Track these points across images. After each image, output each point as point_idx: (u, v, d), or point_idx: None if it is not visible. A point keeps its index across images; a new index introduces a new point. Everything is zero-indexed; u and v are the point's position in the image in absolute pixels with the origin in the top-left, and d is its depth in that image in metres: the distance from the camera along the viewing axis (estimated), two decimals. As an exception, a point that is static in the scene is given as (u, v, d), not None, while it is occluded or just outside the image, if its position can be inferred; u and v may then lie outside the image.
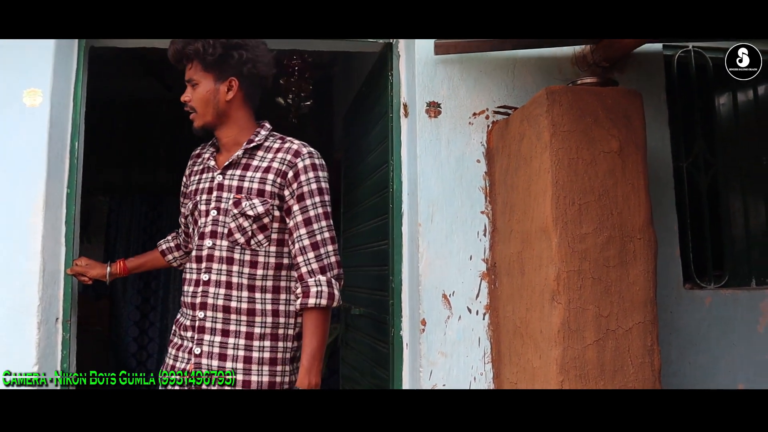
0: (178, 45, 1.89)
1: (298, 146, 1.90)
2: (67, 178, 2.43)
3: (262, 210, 1.83)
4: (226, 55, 1.87)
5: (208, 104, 1.90)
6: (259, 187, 1.85)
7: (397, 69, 2.62)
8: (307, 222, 1.85)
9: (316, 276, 1.83)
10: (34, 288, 2.26)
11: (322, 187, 1.88)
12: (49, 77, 2.35)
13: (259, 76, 1.95)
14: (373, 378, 2.89)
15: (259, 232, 1.85)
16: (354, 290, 3.37)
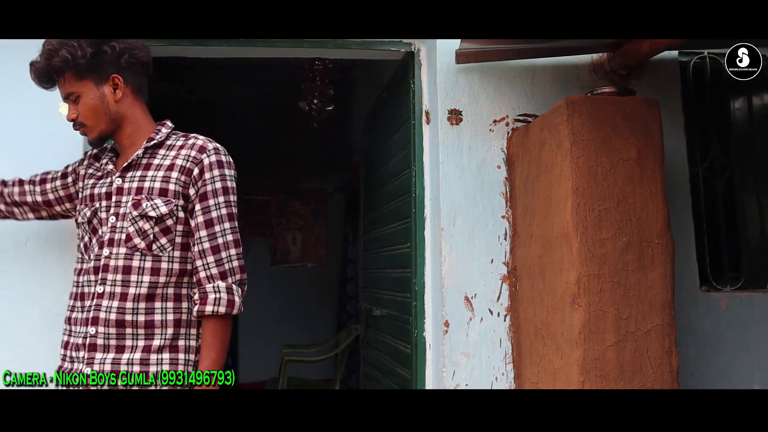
0: (40, 63, 1.73)
1: (203, 142, 1.79)
2: (101, 185, 2.53)
3: (165, 210, 1.71)
4: (100, 53, 1.72)
5: (98, 113, 1.77)
6: (162, 186, 1.73)
7: (418, 77, 2.69)
8: (209, 223, 1.72)
9: (215, 281, 1.71)
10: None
11: (227, 186, 1.76)
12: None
13: (140, 63, 1.81)
14: (394, 377, 2.97)
15: (162, 236, 1.72)
16: (375, 291, 3.45)
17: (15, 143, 2.41)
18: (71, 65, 1.69)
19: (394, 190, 2.97)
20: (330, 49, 2.77)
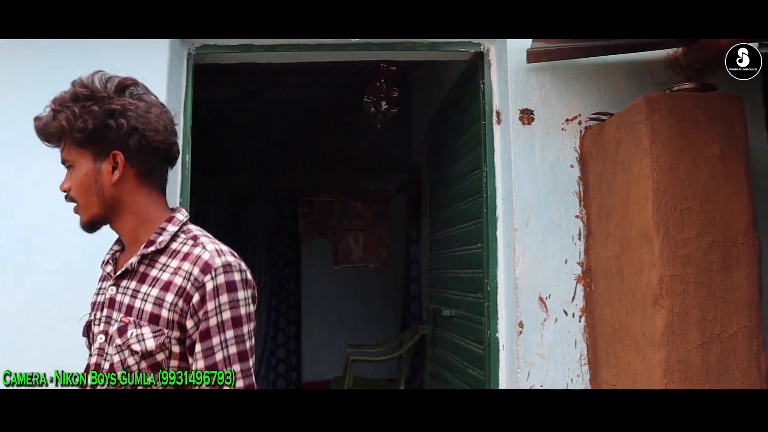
0: (40, 122, 1.39)
1: (210, 256, 1.31)
2: (180, 188, 2.62)
3: (152, 345, 1.29)
4: (101, 128, 1.33)
5: (89, 192, 1.37)
6: (153, 310, 1.30)
7: (488, 77, 2.69)
8: (212, 369, 1.28)
9: None
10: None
11: (240, 316, 1.30)
12: (163, 95, 2.52)
13: (152, 148, 1.38)
14: (465, 377, 2.97)
15: (150, 372, 1.30)
16: (443, 292, 3.46)
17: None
18: (66, 133, 1.35)
19: (464, 191, 2.97)
20: (398, 51, 2.80)
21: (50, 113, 1.37)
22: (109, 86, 1.37)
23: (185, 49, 2.71)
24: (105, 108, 1.34)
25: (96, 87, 1.35)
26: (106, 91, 1.36)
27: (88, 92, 1.34)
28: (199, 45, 2.72)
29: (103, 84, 1.37)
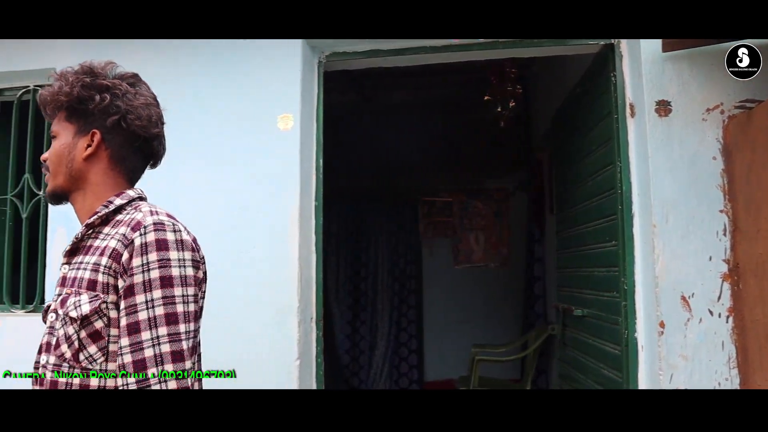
0: (43, 89, 1.42)
1: (142, 216, 1.30)
2: (314, 192, 2.72)
3: (87, 309, 1.25)
4: (86, 99, 1.37)
5: (61, 161, 1.39)
6: (91, 276, 1.27)
7: (620, 69, 2.60)
8: (133, 328, 1.22)
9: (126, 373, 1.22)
10: (294, 292, 2.55)
11: (170, 276, 1.24)
12: (297, 103, 2.64)
13: (130, 132, 1.40)
14: (598, 378, 2.89)
15: (91, 343, 1.26)
16: (573, 291, 3.37)
17: (234, 155, 2.67)
18: (55, 98, 1.39)
19: (595, 187, 2.89)
20: (523, 48, 2.77)
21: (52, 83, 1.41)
22: (111, 71, 1.42)
23: (316, 58, 2.81)
24: (96, 83, 1.37)
25: (98, 68, 1.40)
26: (105, 72, 1.40)
27: (88, 69, 1.39)
28: (328, 53, 2.82)
29: (105, 67, 1.41)
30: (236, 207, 2.63)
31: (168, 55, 2.83)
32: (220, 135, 2.69)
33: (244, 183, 2.63)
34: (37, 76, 3.04)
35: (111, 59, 2.79)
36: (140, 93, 1.42)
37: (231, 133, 2.69)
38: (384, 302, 6.25)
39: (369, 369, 6.28)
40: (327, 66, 2.86)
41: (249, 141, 2.65)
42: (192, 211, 2.66)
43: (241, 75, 2.73)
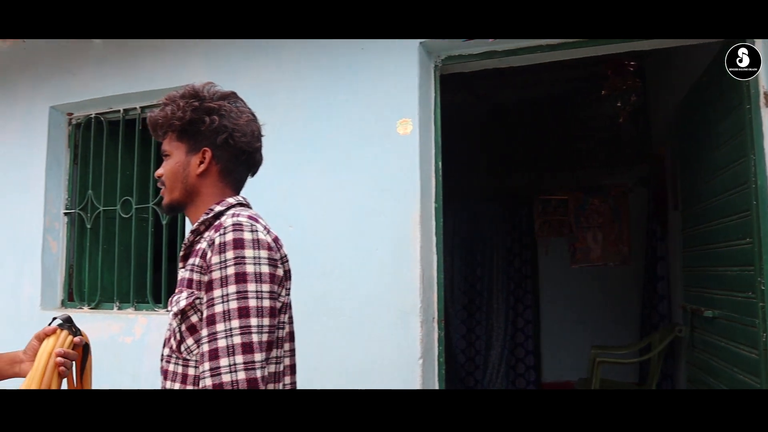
0: (152, 112, 1.60)
1: (225, 218, 1.44)
2: (434, 194, 2.77)
3: (184, 304, 1.40)
4: (197, 121, 1.52)
5: (177, 178, 1.56)
6: (189, 275, 1.43)
7: (752, 57, 2.47)
8: (210, 320, 1.33)
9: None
10: (416, 292, 2.61)
11: (244, 272, 1.35)
12: (416, 107, 2.70)
13: (237, 148, 1.56)
14: (732, 383, 2.75)
15: (189, 335, 1.41)
16: (702, 291, 3.23)
17: (355, 160, 2.77)
18: (168, 122, 1.54)
19: (725, 182, 2.76)
20: (643, 41, 2.69)
21: (161, 106, 1.56)
22: (213, 92, 1.56)
23: (431, 62, 2.86)
24: (204, 106, 1.52)
25: (201, 90, 1.55)
26: (209, 95, 1.55)
27: (194, 92, 1.54)
28: (444, 57, 2.86)
29: (209, 90, 1.56)
30: (358, 211, 2.73)
31: (287, 64, 2.98)
32: (341, 141, 2.80)
33: (366, 187, 2.72)
34: (173, 93, 3.28)
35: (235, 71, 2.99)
36: (241, 111, 1.58)
37: (352, 139, 2.79)
38: (499, 302, 6.21)
39: (485, 369, 6.26)
40: (443, 70, 2.90)
41: (369, 146, 2.74)
42: (315, 216, 2.80)
43: (359, 82, 2.82)
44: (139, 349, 3.25)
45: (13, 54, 3.80)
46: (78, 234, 3.68)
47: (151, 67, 3.35)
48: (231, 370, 1.29)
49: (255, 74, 3.04)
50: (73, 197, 3.71)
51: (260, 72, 3.04)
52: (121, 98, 3.49)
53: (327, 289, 2.75)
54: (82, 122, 3.70)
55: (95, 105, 3.60)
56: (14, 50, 3.79)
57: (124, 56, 3.43)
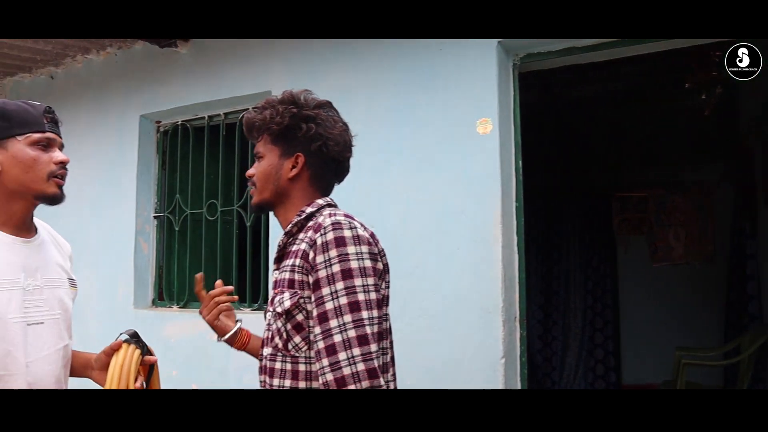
0: (249, 114, 1.67)
1: (323, 218, 1.49)
2: (514, 193, 2.76)
3: (289, 304, 1.47)
4: (294, 127, 1.59)
5: (269, 180, 1.62)
6: (289, 276, 1.49)
7: None
8: (322, 318, 1.40)
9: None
10: (498, 291, 2.61)
11: (350, 268, 1.42)
12: (495, 107, 2.70)
13: (329, 157, 1.62)
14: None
15: (296, 333, 1.48)
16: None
17: (436, 160, 2.79)
18: (266, 126, 1.61)
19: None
20: (732, 32, 2.60)
21: (260, 108, 1.63)
22: (310, 100, 1.62)
23: (510, 60, 2.85)
24: (302, 113, 1.59)
25: (299, 97, 1.61)
26: (307, 102, 1.61)
27: (292, 99, 1.61)
28: (522, 55, 2.85)
29: (306, 98, 1.62)
30: (440, 211, 2.75)
31: (365, 68, 3.03)
32: (421, 142, 2.82)
33: (447, 187, 2.74)
34: (256, 100, 3.37)
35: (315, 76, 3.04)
36: (336, 120, 1.64)
37: (432, 140, 2.82)
38: (577, 301, 6.11)
39: (561, 370, 6.16)
40: (521, 68, 2.89)
41: (450, 147, 2.76)
42: (397, 217, 2.83)
43: (438, 83, 2.84)
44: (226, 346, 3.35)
45: (106, 66, 4.01)
46: (167, 236, 3.85)
47: (234, 75, 3.46)
48: (350, 363, 1.37)
49: (334, 78, 3.10)
50: (162, 201, 3.88)
51: (339, 76, 3.10)
52: (206, 105, 3.63)
53: (410, 289, 2.77)
54: (170, 129, 3.86)
55: (182, 113, 3.75)
56: (107, 63, 4.00)
57: (209, 65, 3.56)
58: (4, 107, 1.60)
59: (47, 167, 1.61)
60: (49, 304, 1.66)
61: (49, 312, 1.66)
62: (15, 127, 1.59)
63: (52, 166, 1.62)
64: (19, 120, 1.59)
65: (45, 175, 1.60)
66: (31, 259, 1.64)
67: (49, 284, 1.68)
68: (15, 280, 1.59)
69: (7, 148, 1.58)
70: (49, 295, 1.66)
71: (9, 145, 1.58)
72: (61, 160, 1.63)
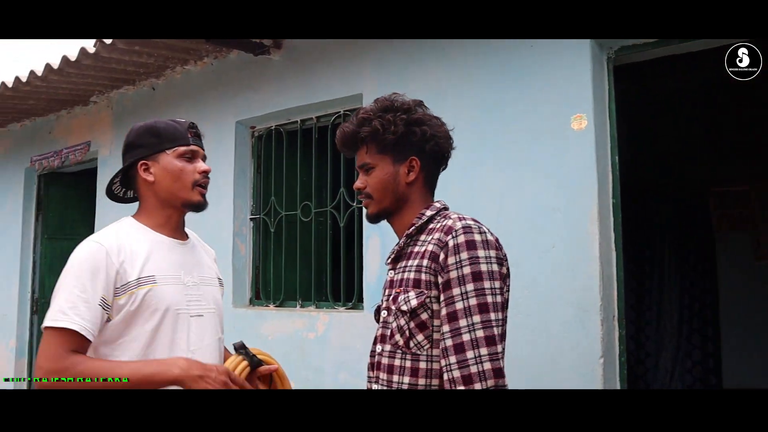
0: (349, 128, 1.67)
1: (453, 221, 1.54)
2: (611, 189, 2.71)
3: (415, 304, 1.52)
4: (408, 133, 1.61)
5: (387, 189, 1.64)
6: (415, 276, 1.55)
7: None
8: (452, 317, 1.46)
9: (455, 387, 1.43)
10: (595, 290, 2.57)
11: (480, 271, 1.46)
12: (590, 102, 2.65)
13: (440, 153, 1.68)
14: None
15: (419, 332, 1.53)
16: None
17: (530, 157, 2.77)
18: (378, 137, 1.62)
19: None
20: None
21: (360, 120, 1.64)
22: (411, 103, 1.65)
23: (604, 54, 2.80)
24: (411, 118, 1.62)
25: (401, 102, 1.64)
26: (410, 106, 1.64)
27: (395, 105, 1.64)
28: (617, 48, 2.79)
29: (403, 101, 1.65)
30: (535, 207, 2.73)
31: (455, 65, 3.05)
32: (514, 139, 2.81)
33: (541, 184, 2.71)
34: (347, 103, 3.47)
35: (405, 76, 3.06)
36: (435, 116, 1.69)
37: (525, 137, 2.80)
38: (672, 301, 5.87)
39: (656, 372, 5.95)
40: (616, 61, 2.82)
41: (544, 143, 2.73)
42: (491, 214, 2.82)
43: (530, 78, 2.82)
44: (322, 344, 3.45)
45: (203, 76, 4.20)
46: (263, 237, 3.99)
47: (325, 79, 3.55)
48: (477, 362, 1.42)
49: (424, 77, 3.13)
50: (257, 204, 4.02)
51: (429, 75, 3.12)
52: (298, 110, 3.74)
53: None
54: (264, 134, 4.00)
55: (275, 117, 3.88)
56: (204, 72, 4.19)
57: (300, 71, 3.67)
58: (155, 125, 1.81)
59: (192, 176, 1.78)
60: (206, 299, 1.83)
61: (206, 306, 1.83)
62: (164, 142, 1.78)
63: (196, 175, 1.79)
64: (167, 136, 1.78)
65: (190, 184, 1.78)
66: (188, 259, 1.83)
67: (204, 281, 1.85)
68: (177, 276, 1.77)
69: (159, 161, 1.77)
70: (205, 291, 1.84)
71: (160, 158, 1.77)
72: (204, 170, 1.81)
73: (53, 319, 1.61)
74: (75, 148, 5.18)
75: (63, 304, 1.62)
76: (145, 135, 1.80)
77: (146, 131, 1.80)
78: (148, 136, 1.79)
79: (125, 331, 1.68)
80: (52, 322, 1.61)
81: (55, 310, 1.62)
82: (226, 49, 3.95)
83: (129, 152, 1.82)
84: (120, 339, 1.68)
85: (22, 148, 5.75)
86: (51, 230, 5.71)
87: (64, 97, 4.85)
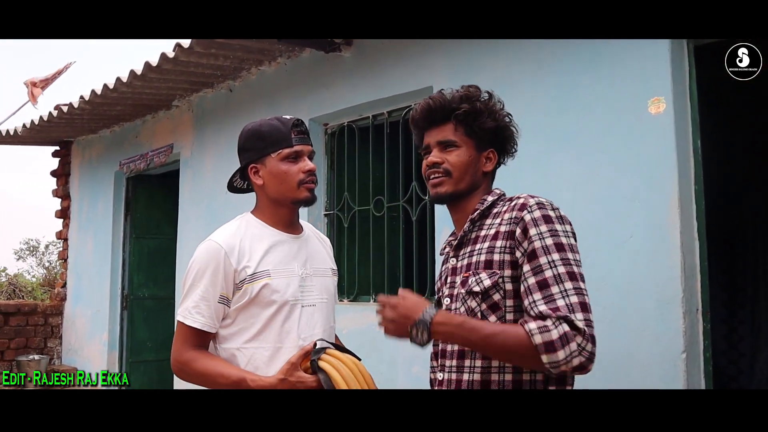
0: (443, 99, 1.66)
1: (525, 199, 1.55)
2: (693, 176, 2.58)
3: (489, 283, 1.52)
4: (502, 127, 1.68)
5: (468, 171, 1.65)
6: (486, 258, 1.54)
7: None
8: (542, 285, 1.42)
9: (543, 318, 1.39)
10: (677, 281, 2.45)
11: (562, 243, 1.46)
12: (668, 85, 2.54)
13: (510, 146, 1.73)
14: None
15: (491, 313, 1.52)
16: None
17: (605, 143, 2.68)
18: (474, 119, 1.64)
19: None
20: None
21: (456, 97, 1.65)
22: (497, 97, 1.69)
23: (684, 35, 2.67)
24: (502, 113, 1.68)
25: (494, 96, 1.69)
26: (499, 101, 1.69)
27: (493, 95, 1.68)
28: (698, 27, 2.65)
29: (494, 95, 1.69)
30: (611, 196, 2.63)
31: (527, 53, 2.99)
32: (589, 126, 2.73)
33: (618, 171, 2.62)
34: (418, 96, 3.45)
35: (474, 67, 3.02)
36: (505, 110, 1.71)
37: (600, 123, 2.71)
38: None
39: (751, 375, 5.63)
40: (697, 41, 2.69)
41: (619, 128, 2.64)
42: (565, 204, 2.70)
43: (604, 62, 2.73)
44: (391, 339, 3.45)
45: (277, 76, 4.29)
46: (336, 233, 4.03)
47: (396, 74, 3.56)
48: (564, 296, 1.40)
49: (495, 67, 3.09)
50: (331, 199, 4.08)
51: (501, 65, 3.07)
52: (370, 105, 3.76)
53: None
54: (336, 131, 4.05)
55: (347, 114, 3.92)
56: (277, 72, 4.29)
57: (370, 67, 3.69)
58: (260, 129, 1.90)
59: (297, 177, 1.85)
60: (318, 289, 1.94)
61: (319, 296, 1.93)
62: (269, 146, 1.86)
63: (300, 175, 1.86)
64: (271, 139, 1.86)
65: (295, 184, 1.86)
66: (302, 252, 1.94)
67: (317, 273, 1.96)
68: (291, 269, 1.88)
69: (266, 164, 1.87)
70: (317, 282, 1.94)
71: (266, 162, 1.87)
72: (309, 169, 1.87)
73: (182, 315, 1.83)
74: (159, 151, 5.41)
75: (188, 302, 1.82)
76: (251, 139, 1.90)
77: (252, 135, 1.90)
78: (254, 140, 1.89)
79: (242, 319, 1.84)
80: (180, 317, 1.83)
81: (183, 307, 1.83)
82: (298, 49, 4.02)
83: (240, 155, 1.94)
84: (236, 326, 1.85)
85: (112, 153, 6.07)
86: (138, 230, 5.99)
87: (148, 101, 5.07)
